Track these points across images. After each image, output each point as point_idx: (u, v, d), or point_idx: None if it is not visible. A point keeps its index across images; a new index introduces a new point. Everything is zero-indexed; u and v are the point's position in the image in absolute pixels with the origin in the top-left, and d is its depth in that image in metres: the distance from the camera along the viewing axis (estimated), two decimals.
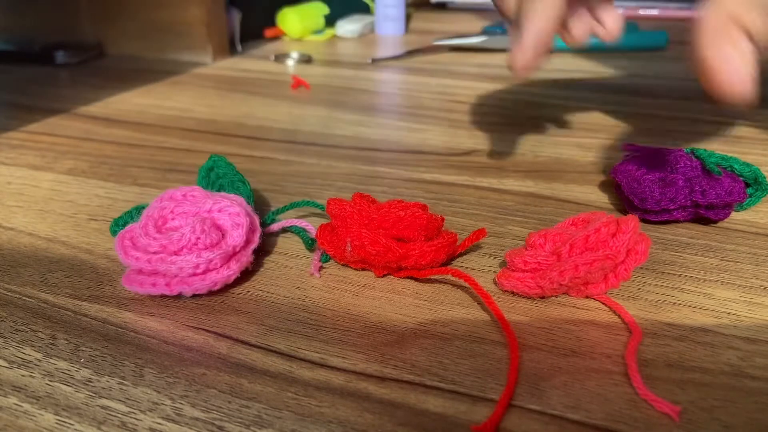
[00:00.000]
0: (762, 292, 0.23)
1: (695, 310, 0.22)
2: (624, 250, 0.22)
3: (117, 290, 0.24)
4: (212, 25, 0.65)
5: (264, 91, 0.55)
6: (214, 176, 0.29)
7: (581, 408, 0.18)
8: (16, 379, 0.20)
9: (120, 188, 0.34)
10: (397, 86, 0.58)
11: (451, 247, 0.25)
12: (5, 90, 0.55)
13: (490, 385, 0.19)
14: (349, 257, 0.25)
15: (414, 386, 0.19)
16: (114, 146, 0.41)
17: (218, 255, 0.23)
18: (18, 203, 0.32)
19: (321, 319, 0.22)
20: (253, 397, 0.19)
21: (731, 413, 0.18)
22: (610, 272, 0.23)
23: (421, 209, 0.25)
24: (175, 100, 0.52)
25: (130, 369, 0.20)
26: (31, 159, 0.38)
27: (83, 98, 0.52)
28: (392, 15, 0.85)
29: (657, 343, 0.21)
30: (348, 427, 0.18)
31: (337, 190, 0.34)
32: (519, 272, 0.23)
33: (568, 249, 0.23)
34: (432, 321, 0.22)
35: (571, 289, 0.23)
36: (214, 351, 0.21)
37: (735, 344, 0.21)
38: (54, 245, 0.28)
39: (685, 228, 0.28)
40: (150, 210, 0.25)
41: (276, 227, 0.28)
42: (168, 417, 0.18)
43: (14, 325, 0.22)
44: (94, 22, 0.69)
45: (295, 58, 0.67)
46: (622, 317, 0.22)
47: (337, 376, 0.20)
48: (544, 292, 0.23)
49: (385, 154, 0.39)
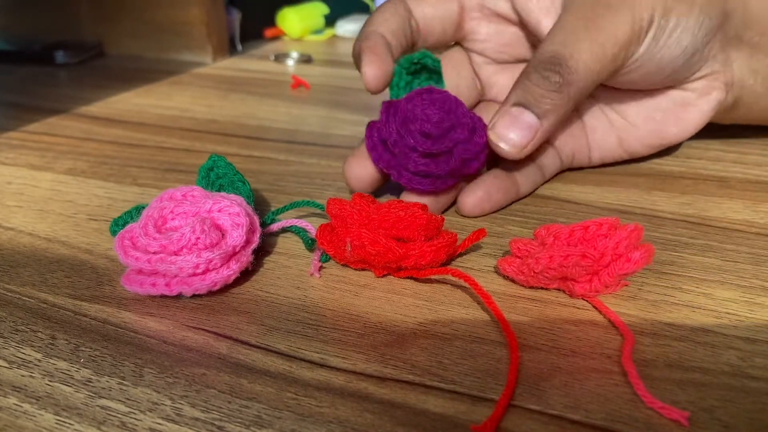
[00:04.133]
0: (762, 292, 0.23)
1: (695, 310, 0.22)
2: (611, 253, 0.22)
3: (117, 290, 0.24)
4: (212, 25, 0.65)
5: (264, 91, 0.55)
6: (213, 176, 0.29)
7: (581, 408, 0.18)
8: (15, 379, 0.20)
9: (120, 188, 0.34)
10: None
11: (451, 247, 0.25)
12: (5, 90, 0.55)
13: (490, 385, 0.19)
14: (349, 257, 0.25)
15: (414, 386, 0.19)
16: (114, 146, 0.41)
17: (218, 255, 0.23)
18: (18, 203, 0.32)
19: (321, 319, 0.22)
20: (253, 397, 0.19)
21: (731, 413, 0.18)
22: (594, 274, 0.22)
23: (421, 209, 0.25)
24: (175, 100, 0.52)
25: (129, 369, 0.20)
26: (31, 159, 0.38)
27: (83, 98, 0.52)
28: None
29: (657, 343, 0.21)
30: (348, 427, 0.18)
31: (336, 190, 0.34)
32: (515, 258, 0.24)
33: (552, 240, 0.23)
34: (432, 321, 0.22)
35: (552, 282, 0.23)
36: (214, 351, 0.21)
37: (735, 344, 0.21)
38: (54, 245, 0.28)
39: (685, 228, 0.28)
40: (150, 210, 0.25)
41: (276, 227, 0.28)
42: (168, 417, 0.18)
43: (14, 325, 0.22)
44: (94, 22, 0.69)
45: (295, 58, 0.67)
46: (612, 321, 0.22)
47: (337, 376, 0.20)
48: (527, 280, 0.23)
49: None
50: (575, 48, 0.27)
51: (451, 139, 0.27)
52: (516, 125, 0.28)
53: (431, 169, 0.28)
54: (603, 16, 0.28)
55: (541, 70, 0.27)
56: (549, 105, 0.27)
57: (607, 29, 0.27)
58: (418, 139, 0.27)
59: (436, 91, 0.29)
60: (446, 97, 0.29)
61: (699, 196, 0.32)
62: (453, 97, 0.29)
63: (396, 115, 0.28)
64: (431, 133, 0.27)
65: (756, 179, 0.34)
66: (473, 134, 0.28)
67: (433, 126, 0.27)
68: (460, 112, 0.28)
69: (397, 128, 0.28)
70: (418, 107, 0.28)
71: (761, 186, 0.33)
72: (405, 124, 0.28)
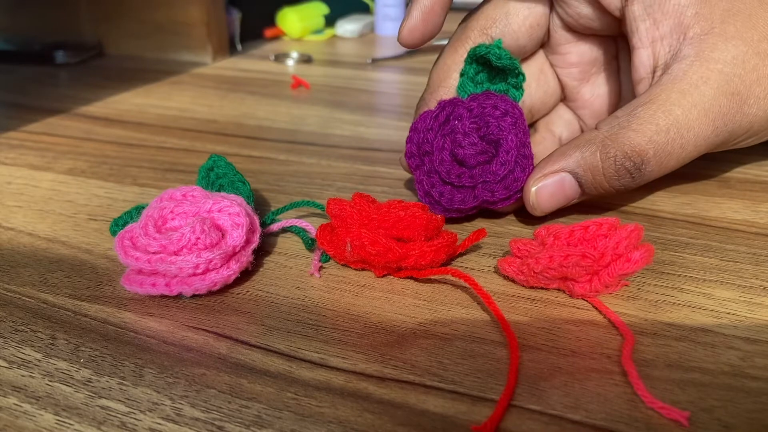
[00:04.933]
0: (762, 292, 0.23)
1: (695, 310, 0.22)
2: (610, 253, 0.22)
3: (117, 290, 0.24)
4: (212, 25, 0.65)
5: (264, 91, 0.55)
6: (213, 176, 0.29)
7: (581, 408, 0.18)
8: (15, 379, 0.20)
9: (120, 188, 0.34)
10: (397, 86, 0.58)
11: (451, 247, 0.25)
12: (5, 90, 0.55)
13: (490, 385, 0.19)
14: (349, 257, 0.25)
15: (414, 386, 0.19)
16: (114, 146, 0.41)
17: (218, 255, 0.23)
18: (18, 203, 0.32)
19: (321, 319, 0.22)
20: (253, 398, 0.19)
21: (731, 413, 0.18)
22: (594, 274, 0.22)
23: (421, 209, 0.25)
24: (175, 100, 0.52)
25: (129, 369, 0.20)
26: (31, 159, 0.38)
27: (83, 98, 0.52)
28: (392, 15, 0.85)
29: (657, 343, 0.21)
30: (348, 427, 0.18)
31: (336, 190, 0.34)
32: (515, 258, 0.24)
33: (552, 240, 0.23)
34: (432, 321, 0.22)
35: (552, 282, 0.23)
36: (214, 351, 0.21)
37: (735, 344, 0.21)
38: (54, 245, 0.28)
39: (685, 228, 0.28)
40: (150, 210, 0.25)
41: (276, 227, 0.28)
42: (168, 417, 0.18)
43: (14, 325, 0.22)
44: (94, 22, 0.69)
45: (294, 58, 0.67)
46: (612, 321, 0.22)
47: (337, 376, 0.20)
48: (527, 280, 0.23)
49: (385, 154, 0.39)
50: (664, 153, 0.25)
51: (479, 175, 0.26)
52: (559, 195, 0.26)
53: (445, 199, 0.27)
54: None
55: (616, 156, 0.25)
56: (601, 191, 0.26)
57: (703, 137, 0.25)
58: (446, 163, 0.26)
59: (495, 101, 0.27)
60: (504, 113, 0.27)
61: (699, 196, 0.32)
62: (512, 118, 0.27)
63: (441, 127, 0.27)
64: (465, 161, 0.26)
65: (756, 179, 0.34)
66: (511, 173, 0.26)
67: (468, 156, 0.26)
68: (510, 141, 0.26)
69: (433, 138, 0.27)
70: (466, 123, 0.26)
71: (761, 186, 0.33)
72: (443, 137, 0.27)
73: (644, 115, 0.25)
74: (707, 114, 0.25)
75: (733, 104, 0.25)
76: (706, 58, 0.25)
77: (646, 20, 0.27)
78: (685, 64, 0.25)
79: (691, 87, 0.25)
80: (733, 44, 0.25)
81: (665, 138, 0.25)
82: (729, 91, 0.25)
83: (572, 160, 0.26)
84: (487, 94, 0.28)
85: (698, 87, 0.25)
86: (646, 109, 0.25)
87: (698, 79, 0.25)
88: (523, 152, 0.27)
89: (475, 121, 0.27)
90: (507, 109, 0.27)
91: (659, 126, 0.25)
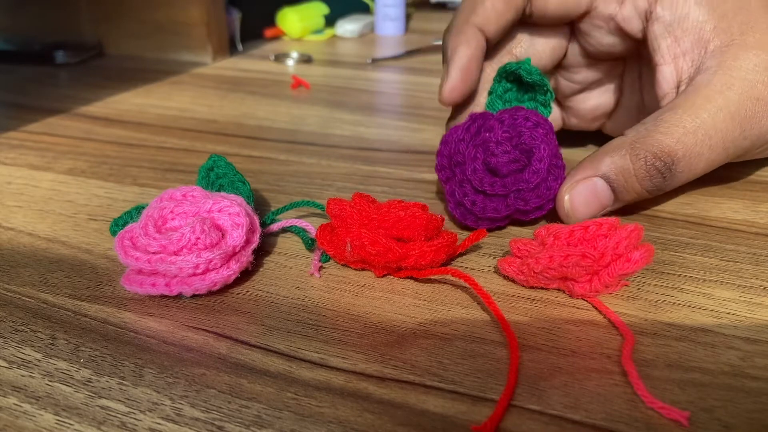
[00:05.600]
0: (762, 292, 0.23)
1: (695, 310, 0.22)
2: (610, 253, 0.22)
3: (117, 290, 0.24)
4: (212, 25, 0.65)
5: (264, 91, 0.55)
6: (213, 176, 0.29)
7: (581, 408, 0.18)
8: (15, 379, 0.20)
9: (120, 188, 0.34)
10: (397, 86, 0.58)
11: (451, 247, 0.25)
12: (5, 90, 0.55)
13: (490, 385, 0.19)
14: (349, 257, 0.25)
15: (414, 386, 0.19)
16: (114, 146, 0.41)
17: (218, 255, 0.23)
18: (18, 203, 0.32)
19: (321, 319, 0.22)
20: (253, 398, 0.19)
21: (731, 413, 0.18)
22: (594, 274, 0.22)
23: (421, 209, 0.25)
24: (175, 100, 0.52)
25: (129, 369, 0.20)
26: (31, 159, 0.38)
27: (83, 98, 0.52)
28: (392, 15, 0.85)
29: (657, 343, 0.21)
30: (348, 427, 0.18)
31: (336, 190, 0.34)
32: (515, 258, 0.24)
33: (552, 240, 0.23)
34: (432, 321, 0.22)
35: (552, 282, 0.23)
36: (214, 351, 0.21)
37: (735, 344, 0.21)
38: (54, 245, 0.28)
39: (685, 228, 0.28)
40: (150, 210, 0.25)
41: (276, 227, 0.28)
42: (168, 417, 0.18)
43: (14, 325, 0.22)
44: (94, 22, 0.69)
45: (295, 58, 0.67)
46: (612, 321, 0.22)
47: (337, 376, 0.20)
48: (527, 280, 0.23)
49: (385, 154, 0.39)
50: (694, 154, 0.25)
51: (512, 184, 0.26)
52: (593, 201, 0.26)
53: (478, 208, 0.27)
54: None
55: (646, 157, 0.25)
56: (634, 194, 0.26)
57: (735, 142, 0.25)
58: (478, 172, 0.26)
59: (526, 113, 0.27)
60: (536, 124, 0.27)
61: (699, 196, 0.32)
62: (543, 129, 0.27)
63: (473, 137, 0.27)
64: (498, 169, 0.26)
65: (756, 179, 0.34)
66: (544, 182, 0.26)
67: (501, 164, 0.26)
68: (542, 150, 0.26)
69: (465, 149, 0.27)
70: (498, 132, 0.26)
71: (761, 186, 0.33)
72: (475, 147, 0.27)
73: (671, 119, 0.25)
74: (734, 117, 0.25)
75: (758, 108, 0.25)
76: (729, 67, 0.26)
77: (667, 38, 0.27)
78: (708, 74, 0.26)
79: (716, 93, 0.25)
80: (754, 53, 0.26)
81: (693, 139, 0.25)
82: (754, 96, 0.25)
83: (603, 165, 0.26)
84: (517, 108, 0.28)
85: (723, 92, 0.25)
86: (672, 114, 0.26)
87: (722, 86, 0.25)
88: (555, 162, 0.27)
89: (508, 131, 0.27)
90: (538, 121, 0.27)
91: (686, 128, 0.25)
